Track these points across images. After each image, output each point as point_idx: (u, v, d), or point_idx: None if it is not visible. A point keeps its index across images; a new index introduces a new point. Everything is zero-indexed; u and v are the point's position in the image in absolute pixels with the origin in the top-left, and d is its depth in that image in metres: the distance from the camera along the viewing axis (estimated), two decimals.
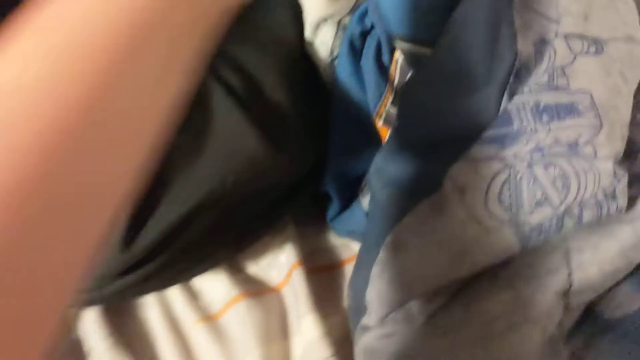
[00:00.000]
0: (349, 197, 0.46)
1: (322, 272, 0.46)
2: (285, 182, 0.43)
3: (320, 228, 0.49)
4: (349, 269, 0.47)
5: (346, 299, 0.45)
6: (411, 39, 0.37)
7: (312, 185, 0.45)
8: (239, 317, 0.43)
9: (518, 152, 0.37)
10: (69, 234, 0.18)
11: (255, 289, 0.45)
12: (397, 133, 0.39)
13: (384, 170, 0.39)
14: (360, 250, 0.43)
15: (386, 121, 0.41)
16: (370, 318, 0.41)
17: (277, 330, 0.43)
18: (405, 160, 0.38)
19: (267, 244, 0.47)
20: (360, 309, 0.43)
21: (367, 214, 0.46)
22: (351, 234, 0.47)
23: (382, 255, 0.39)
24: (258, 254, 0.47)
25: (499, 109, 0.38)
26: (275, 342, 0.42)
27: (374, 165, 0.40)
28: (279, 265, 0.46)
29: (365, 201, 0.46)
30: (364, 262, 0.42)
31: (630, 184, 0.39)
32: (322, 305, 0.44)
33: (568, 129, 0.38)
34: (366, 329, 0.42)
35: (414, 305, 0.40)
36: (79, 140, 0.17)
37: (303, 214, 0.48)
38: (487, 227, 0.36)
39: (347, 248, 0.48)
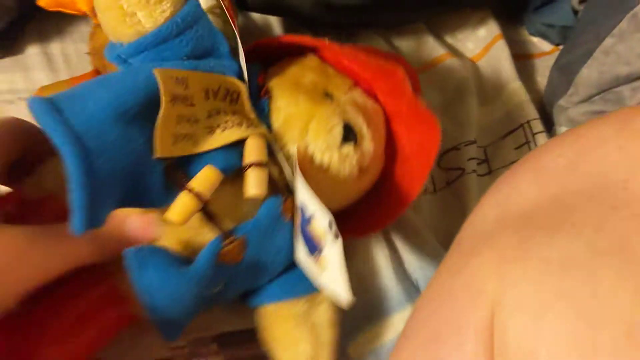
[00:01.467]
0: None
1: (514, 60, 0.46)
2: None
3: (512, 23, 0.49)
4: (539, 63, 0.47)
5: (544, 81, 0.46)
6: None
7: None
8: (445, 73, 0.43)
9: None
10: None
11: (457, 53, 0.45)
12: None
13: None
14: (576, 32, 0.43)
15: None
16: (575, 96, 0.42)
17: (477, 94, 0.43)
18: None
19: (466, 17, 0.46)
20: (561, 89, 0.43)
21: (574, 10, 0.46)
22: (547, 30, 0.47)
23: (622, 26, 0.39)
24: (455, 26, 0.47)
25: None
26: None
27: None
28: (477, 38, 0.46)
29: None
30: (581, 42, 0.42)
31: None
32: (521, 79, 0.44)
33: None
34: (566, 108, 0.43)
35: (626, 89, 0.40)
36: None
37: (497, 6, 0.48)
38: None
39: (535, 46, 0.48)
